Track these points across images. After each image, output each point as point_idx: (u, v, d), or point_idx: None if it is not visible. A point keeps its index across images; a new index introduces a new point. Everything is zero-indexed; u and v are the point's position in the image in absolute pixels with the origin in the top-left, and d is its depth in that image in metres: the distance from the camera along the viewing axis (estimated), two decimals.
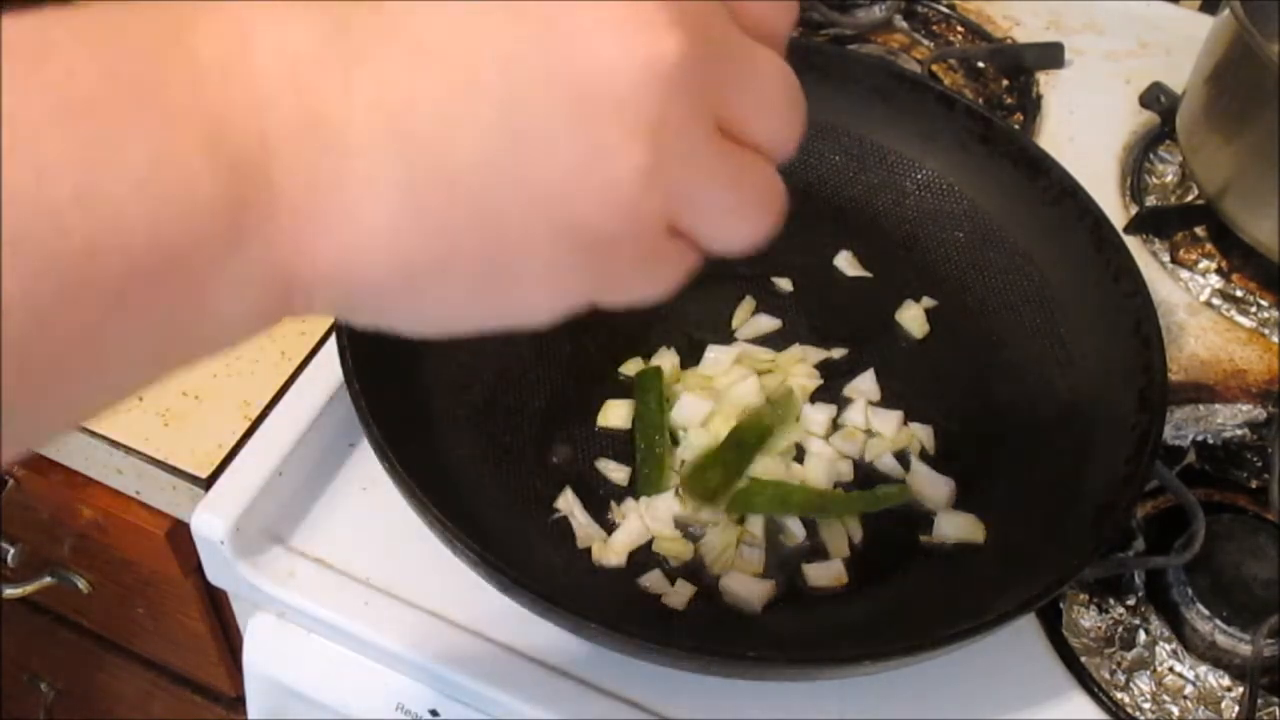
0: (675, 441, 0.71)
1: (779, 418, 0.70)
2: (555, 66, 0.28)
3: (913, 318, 0.77)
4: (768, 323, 0.77)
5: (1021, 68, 0.97)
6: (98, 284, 0.26)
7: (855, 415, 0.72)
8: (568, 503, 0.67)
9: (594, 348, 0.74)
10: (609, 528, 0.67)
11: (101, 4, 0.28)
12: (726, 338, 0.76)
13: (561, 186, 0.29)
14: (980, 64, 0.98)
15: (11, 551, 0.89)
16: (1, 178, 0.25)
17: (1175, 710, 0.66)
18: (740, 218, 0.33)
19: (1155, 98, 0.92)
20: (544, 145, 0.29)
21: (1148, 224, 0.87)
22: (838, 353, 0.75)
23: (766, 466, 0.69)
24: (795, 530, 0.68)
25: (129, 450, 0.71)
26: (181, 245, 0.27)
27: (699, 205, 0.31)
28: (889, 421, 0.72)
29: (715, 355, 0.74)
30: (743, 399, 0.72)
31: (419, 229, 0.29)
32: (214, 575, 0.70)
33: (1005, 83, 0.97)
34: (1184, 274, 0.86)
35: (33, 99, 0.26)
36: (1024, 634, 0.67)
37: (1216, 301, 0.84)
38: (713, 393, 0.72)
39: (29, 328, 0.26)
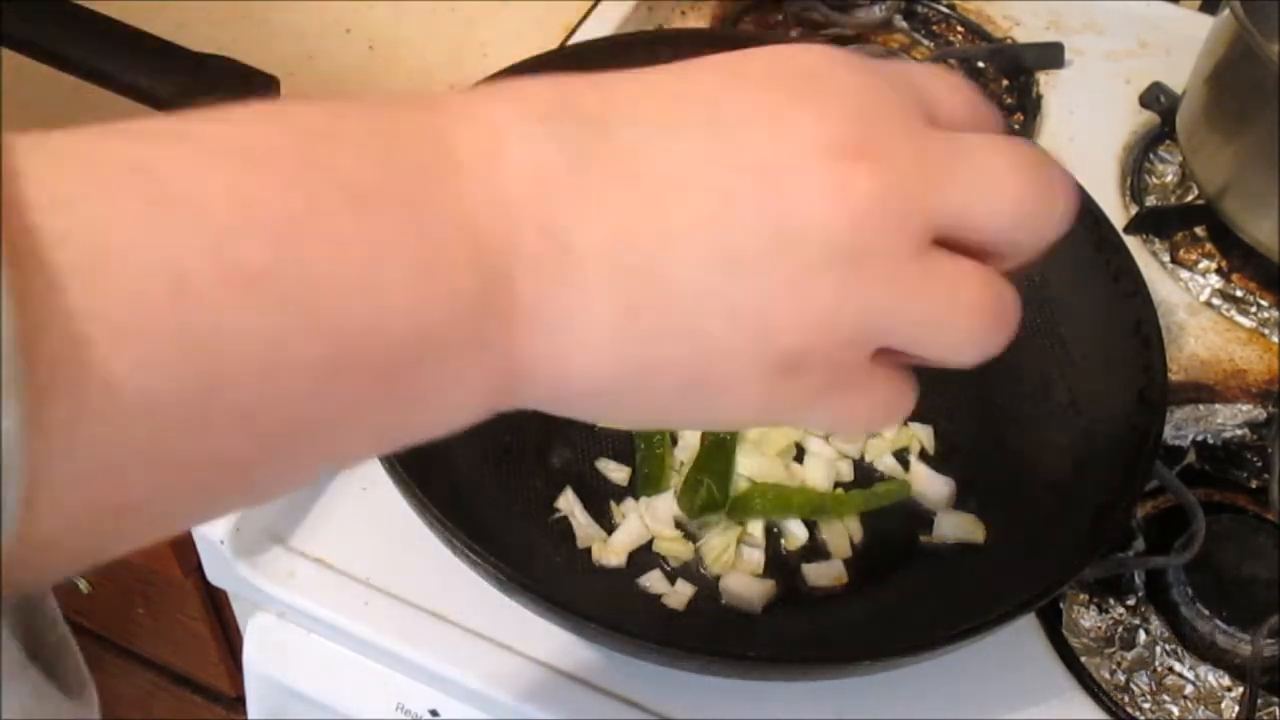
0: (675, 441, 0.71)
1: None
2: (764, 207, 0.31)
3: None
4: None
5: (1021, 68, 0.97)
6: (365, 364, 0.28)
7: None
8: (568, 503, 0.67)
9: None
10: (609, 528, 0.67)
11: (365, 100, 0.31)
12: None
13: (764, 311, 0.32)
14: (980, 64, 0.97)
15: None
16: (301, 256, 0.27)
17: (1175, 710, 0.66)
18: (954, 331, 0.35)
19: (1155, 98, 0.92)
20: (751, 276, 0.31)
21: (1148, 224, 0.87)
22: None
23: (766, 468, 0.69)
24: (796, 532, 0.68)
25: None
26: (440, 337, 0.30)
27: (904, 325, 0.33)
28: None
29: None
30: None
31: (634, 349, 0.32)
32: (214, 575, 0.70)
33: (1005, 83, 0.97)
34: (1184, 274, 0.86)
35: (328, 185, 0.28)
36: (1024, 634, 0.67)
37: (1216, 301, 0.84)
38: None
39: (306, 389, 0.28)
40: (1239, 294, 0.85)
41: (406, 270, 0.28)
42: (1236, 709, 0.65)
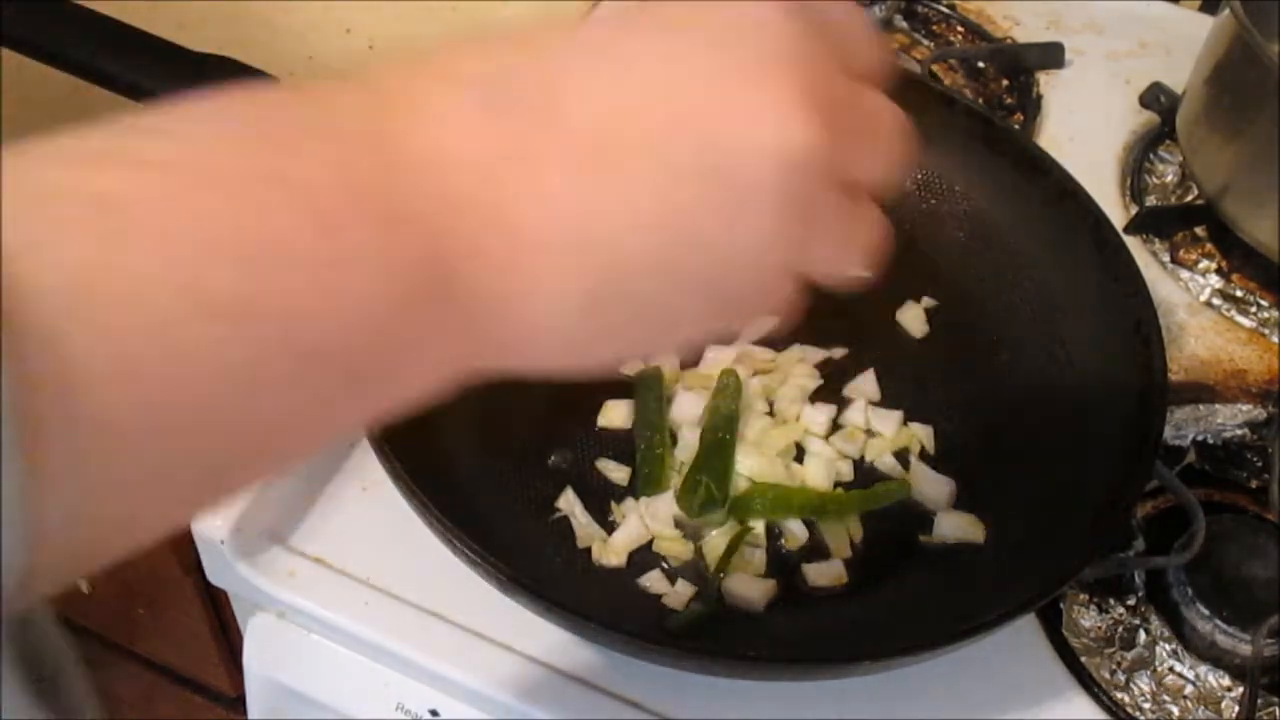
0: (675, 441, 0.71)
1: (733, 399, 0.70)
2: (707, 169, 0.33)
3: (913, 318, 0.77)
4: (767, 323, 0.76)
5: (1021, 68, 0.97)
6: (334, 369, 0.30)
7: (855, 415, 0.72)
8: (568, 502, 0.67)
9: None
10: (609, 528, 0.67)
11: (308, 94, 0.32)
12: (727, 338, 0.75)
13: (708, 268, 0.34)
14: (980, 64, 0.97)
15: None
16: (270, 282, 0.28)
17: (1175, 710, 0.66)
18: (848, 260, 0.40)
19: (1155, 98, 0.92)
20: (689, 227, 0.34)
21: (1148, 224, 0.87)
22: (838, 353, 0.75)
23: (766, 468, 0.69)
24: (797, 532, 0.68)
25: None
26: (403, 334, 0.31)
27: (816, 255, 0.37)
28: (889, 421, 0.72)
29: (715, 355, 0.74)
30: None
31: (592, 318, 0.34)
32: (214, 575, 0.70)
33: (1005, 83, 0.97)
34: (1184, 274, 0.86)
35: (289, 205, 0.29)
36: (1024, 634, 0.67)
37: (1216, 301, 0.84)
38: (707, 388, 0.72)
39: (282, 401, 0.30)
40: (1239, 294, 0.85)
41: (369, 280, 0.30)
42: (1236, 709, 0.65)
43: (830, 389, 0.74)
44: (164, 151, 0.28)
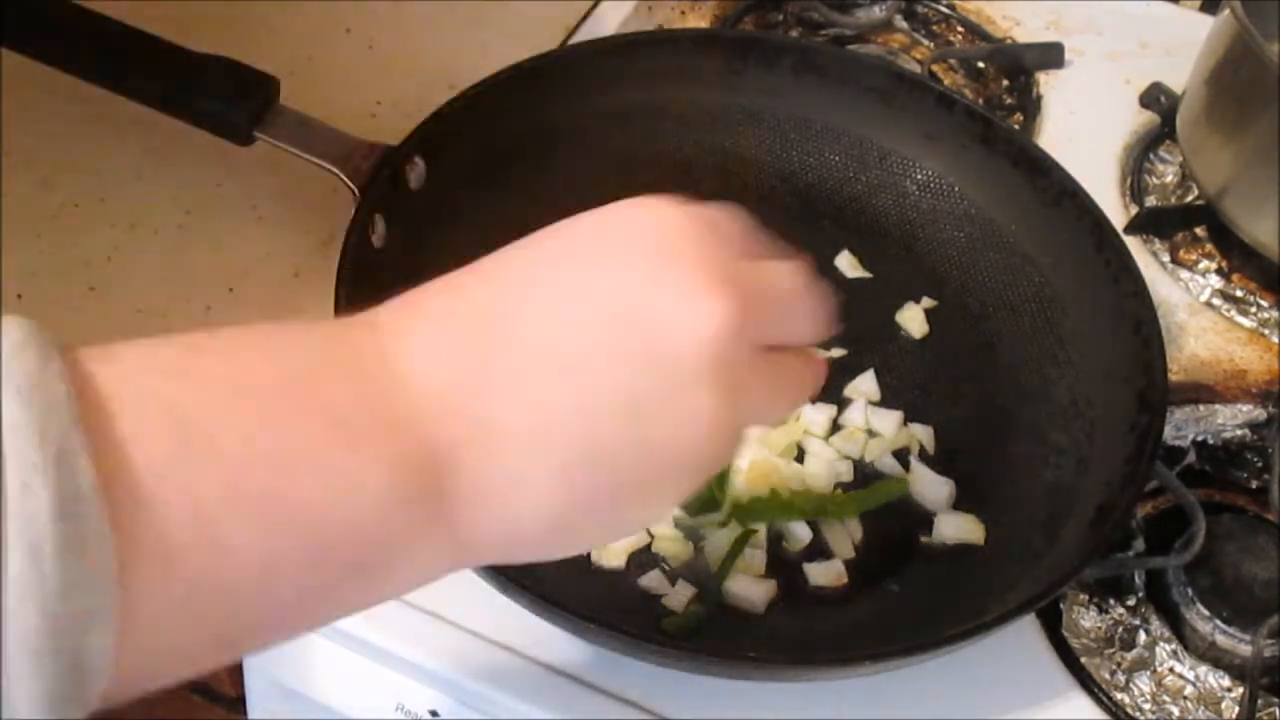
0: None
1: None
2: (651, 359, 0.38)
3: (913, 318, 0.77)
4: None
5: (1021, 68, 0.97)
6: (344, 559, 0.35)
7: (855, 415, 0.72)
8: None
9: None
10: None
11: (320, 326, 0.39)
12: None
13: (668, 439, 0.39)
14: (980, 64, 0.97)
15: None
16: (297, 485, 0.34)
17: (1175, 711, 0.66)
18: (785, 400, 0.45)
19: (1155, 98, 0.92)
20: (652, 411, 0.39)
21: (1148, 224, 0.87)
22: (838, 353, 0.75)
23: (766, 469, 0.69)
24: (800, 533, 0.68)
25: None
26: (403, 529, 0.36)
27: (760, 403, 0.42)
28: (889, 421, 0.72)
29: None
30: None
31: (571, 498, 0.39)
32: None
33: (1005, 83, 0.97)
34: (1184, 274, 0.86)
35: (315, 419, 0.35)
36: (1024, 634, 0.67)
37: (1216, 301, 0.84)
38: None
39: (295, 583, 0.34)
40: (1239, 294, 0.85)
41: (378, 482, 0.35)
42: (1236, 709, 0.65)
43: (830, 389, 0.74)
44: (218, 369, 0.34)
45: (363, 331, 0.38)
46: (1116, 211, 0.87)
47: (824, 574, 0.66)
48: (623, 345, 0.38)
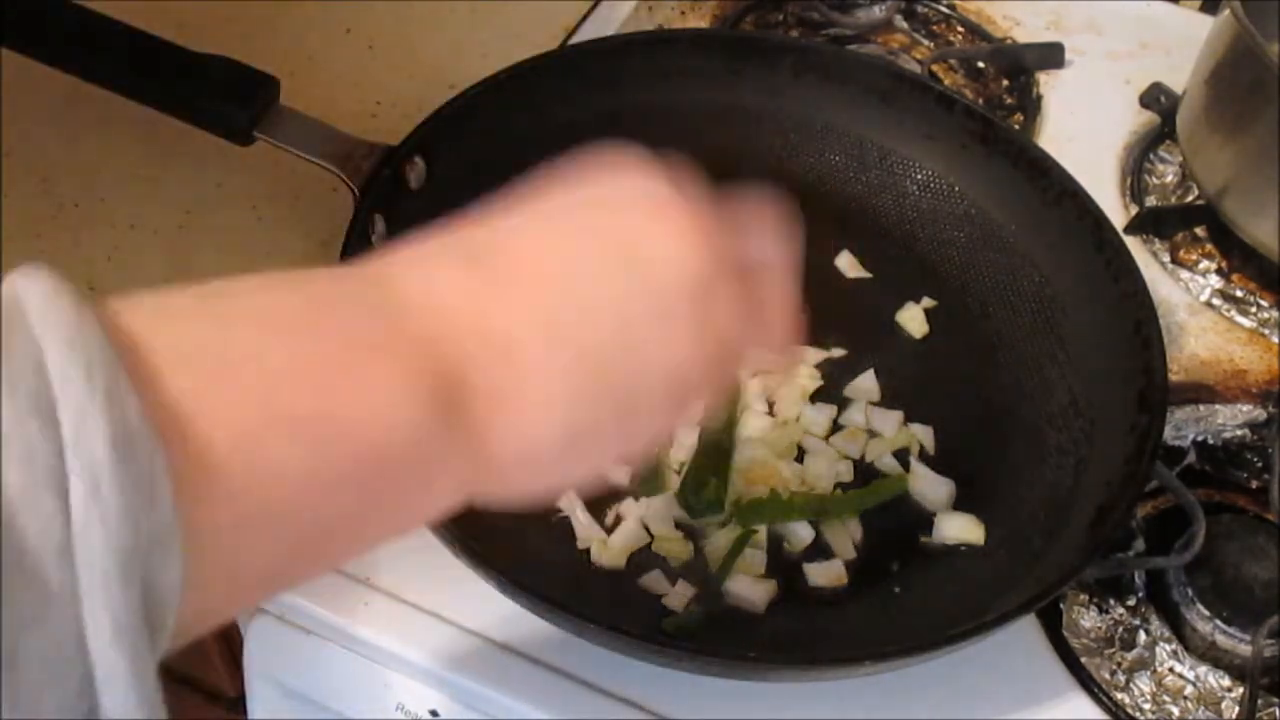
0: (672, 442, 0.71)
1: (730, 401, 0.70)
2: (638, 278, 0.42)
3: (913, 318, 0.77)
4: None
5: (1021, 68, 0.97)
6: (376, 472, 0.36)
7: (855, 415, 0.72)
8: (569, 502, 0.67)
9: None
10: (609, 528, 0.67)
11: (340, 269, 0.41)
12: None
13: (658, 351, 0.43)
14: (980, 64, 0.97)
15: None
16: (330, 400, 0.35)
17: (1175, 711, 0.66)
18: (765, 328, 0.48)
19: (1155, 98, 0.92)
20: (643, 329, 0.42)
21: (1148, 224, 0.87)
22: (838, 353, 0.75)
23: (766, 469, 0.69)
24: (802, 533, 0.67)
25: None
26: (427, 441, 0.37)
27: (739, 323, 0.45)
28: (889, 421, 0.72)
29: None
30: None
31: (579, 410, 0.41)
32: None
33: (1005, 83, 0.97)
34: (1184, 274, 0.86)
35: (341, 342, 0.37)
36: (1024, 634, 0.67)
37: (1216, 301, 0.84)
38: None
39: (333, 499, 0.35)
40: (1239, 294, 0.85)
41: (404, 396, 0.37)
42: (1236, 709, 0.65)
43: (830, 389, 0.74)
44: (237, 306, 0.36)
45: (372, 269, 0.40)
46: (1116, 211, 0.87)
47: (824, 574, 0.66)
48: (618, 271, 0.42)
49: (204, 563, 0.31)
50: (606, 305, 0.42)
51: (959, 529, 0.68)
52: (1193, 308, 0.84)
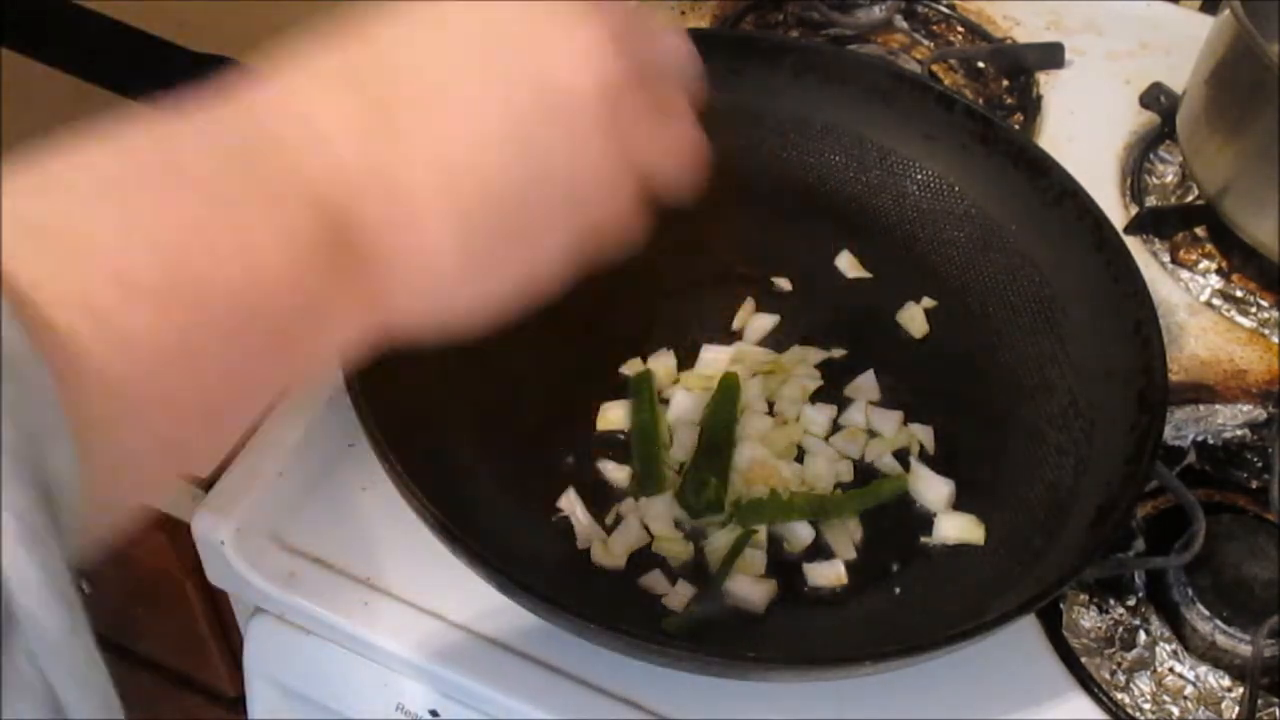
0: (672, 442, 0.71)
1: (730, 401, 0.70)
2: (541, 95, 0.39)
3: (913, 318, 0.77)
4: (768, 323, 0.77)
5: (1021, 68, 0.97)
6: (261, 328, 0.34)
7: (855, 415, 0.72)
8: (570, 502, 0.67)
9: (595, 349, 0.74)
10: (609, 528, 0.67)
11: (189, 114, 0.36)
12: (727, 338, 0.76)
13: (561, 171, 0.40)
14: (980, 64, 0.97)
15: None
16: (187, 264, 0.33)
17: (1175, 711, 0.66)
18: (676, 155, 0.44)
19: (1155, 98, 0.92)
20: (545, 149, 0.39)
21: (1148, 224, 0.87)
22: (838, 353, 0.75)
23: (766, 469, 0.69)
24: (803, 533, 0.67)
25: None
26: (312, 286, 0.35)
27: (649, 147, 0.43)
28: (889, 421, 0.72)
29: (712, 355, 0.74)
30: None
31: (473, 239, 0.39)
32: (214, 576, 0.70)
33: (1005, 83, 0.97)
34: (1184, 274, 0.86)
35: (194, 195, 0.34)
36: (1024, 634, 0.67)
37: (1217, 302, 0.84)
38: (708, 391, 0.72)
39: (218, 363, 0.34)
40: (1239, 294, 0.85)
41: (275, 248, 0.35)
42: (1236, 709, 0.65)
43: (830, 389, 0.74)
44: (79, 176, 0.33)
45: (244, 103, 0.37)
46: (1116, 211, 0.87)
47: (824, 574, 0.66)
48: (515, 80, 0.39)
49: (91, 447, 0.30)
50: (506, 124, 0.39)
51: (959, 529, 0.68)
52: (1193, 308, 0.84)
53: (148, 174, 0.34)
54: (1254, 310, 0.84)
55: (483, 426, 0.70)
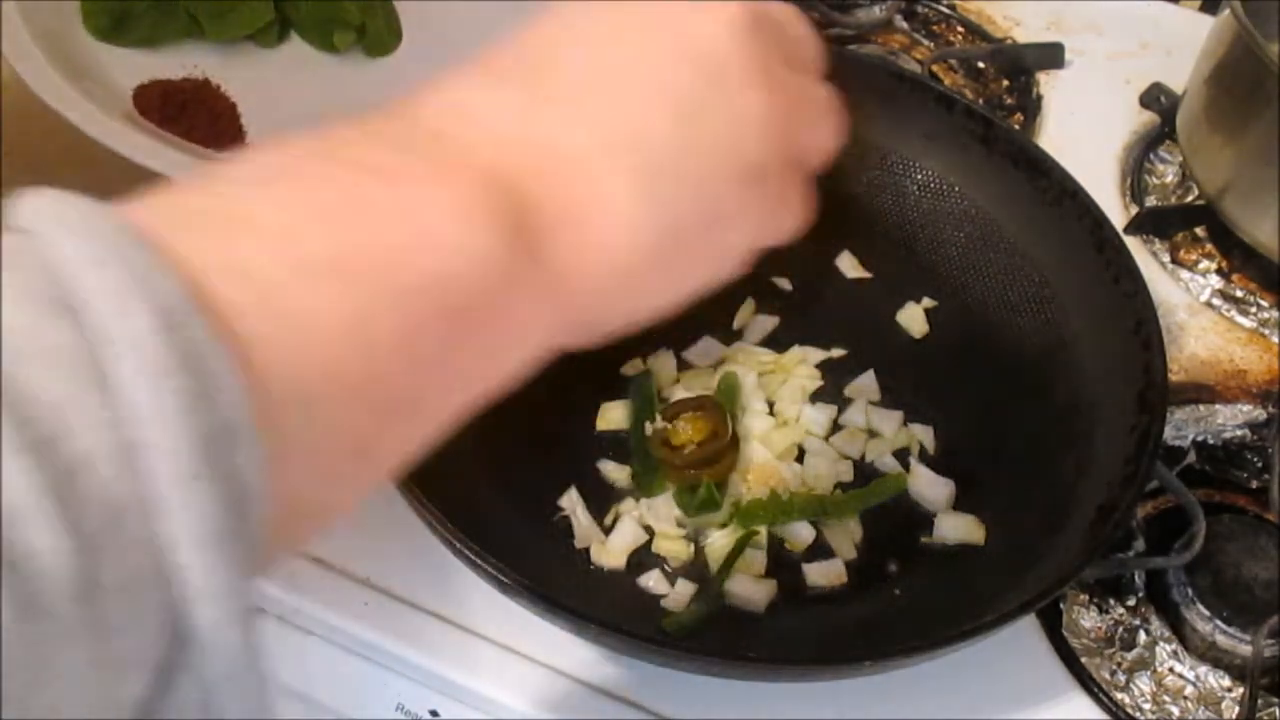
0: None
1: (730, 402, 0.71)
2: (682, 62, 0.39)
3: (913, 318, 0.77)
4: (768, 323, 0.77)
5: (1021, 68, 0.97)
6: (439, 310, 0.33)
7: (855, 415, 0.72)
8: (571, 502, 0.67)
9: (595, 349, 0.74)
10: (609, 528, 0.67)
11: (325, 136, 0.35)
12: (728, 338, 0.76)
13: (725, 141, 0.39)
14: (980, 64, 0.97)
15: None
16: (356, 237, 0.31)
17: (1175, 711, 0.66)
18: (826, 116, 0.44)
19: (1155, 98, 0.92)
20: (702, 118, 0.39)
21: (1148, 224, 0.87)
22: (838, 353, 0.75)
23: (766, 469, 0.69)
24: (803, 534, 0.67)
25: None
26: (494, 267, 0.34)
27: (805, 108, 0.42)
28: (889, 421, 0.72)
29: (709, 347, 0.74)
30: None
31: (655, 204, 0.38)
32: None
33: (1005, 83, 0.97)
34: (1184, 274, 0.86)
35: (355, 173, 0.33)
36: (1024, 634, 0.67)
37: (1216, 302, 0.84)
38: (708, 390, 0.72)
39: (385, 351, 0.31)
40: (1239, 294, 0.85)
41: (448, 220, 0.33)
42: (1236, 709, 0.65)
43: (830, 389, 0.74)
44: (247, 174, 0.32)
45: (395, 110, 0.37)
46: (1116, 211, 0.87)
47: (824, 574, 0.66)
48: (666, 58, 0.39)
49: (284, 449, 0.28)
50: (662, 97, 0.38)
51: (959, 529, 0.68)
52: (1193, 308, 0.83)
53: (311, 162, 0.33)
54: (1254, 310, 0.84)
55: (482, 426, 0.69)
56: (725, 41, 0.39)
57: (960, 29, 1.01)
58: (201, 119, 0.79)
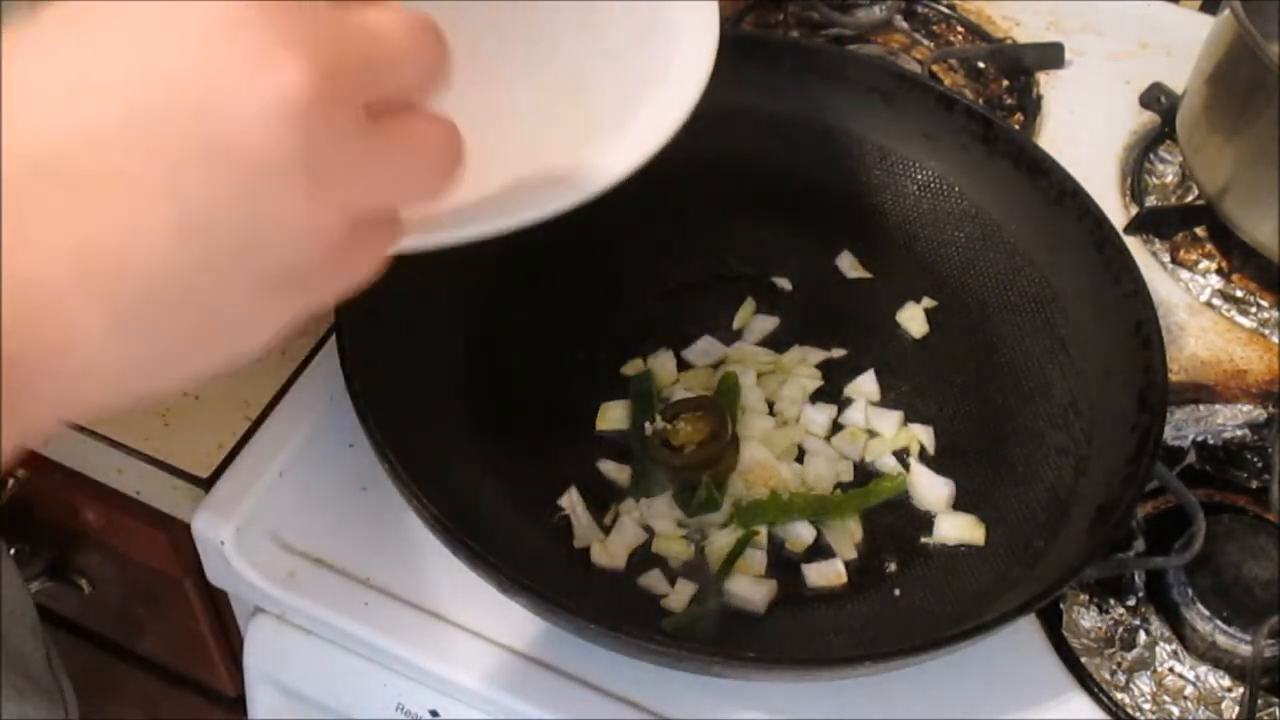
0: None
1: (730, 402, 0.71)
2: (200, 162, 0.30)
3: (913, 318, 0.77)
4: (768, 323, 0.77)
5: (1021, 68, 0.97)
6: None
7: (855, 415, 0.72)
8: (571, 501, 0.67)
9: (595, 349, 0.74)
10: (609, 528, 0.67)
11: None
12: (728, 338, 0.76)
13: (243, 246, 0.31)
14: (980, 64, 0.97)
15: (11, 553, 0.89)
16: None
17: (1175, 711, 0.66)
18: (415, 183, 0.35)
19: (1155, 98, 0.92)
20: (209, 223, 0.31)
21: (1148, 224, 0.87)
22: (838, 353, 0.75)
23: (766, 469, 0.69)
24: (803, 534, 0.67)
25: (129, 450, 0.71)
26: None
27: (376, 190, 0.34)
28: (889, 421, 0.72)
29: (705, 346, 0.74)
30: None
31: (134, 346, 0.32)
32: (214, 576, 0.70)
33: (1005, 83, 0.97)
34: (1184, 274, 0.86)
35: None
36: (1024, 634, 0.67)
37: (1217, 302, 0.84)
38: (709, 390, 0.72)
39: None
40: (1239, 294, 0.85)
41: None
42: (1236, 709, 0.65)
43: (830, 389, 0.74)
44: None
45: None
46: (1116, 211, 0.87)
47: (824, 574, 0.66)
48: (181, 147, 0.30)
49: None
50: (167, 206, 0.30)
51: (959, 529, 0.68)
52: (1193, 308, 0.84)
53: None
54: (1254, 310, 0.84)
55: (483, 426, 0.70)
56: (261, 134, 0.30)
57: (960, 29, 1.01)
58: None
